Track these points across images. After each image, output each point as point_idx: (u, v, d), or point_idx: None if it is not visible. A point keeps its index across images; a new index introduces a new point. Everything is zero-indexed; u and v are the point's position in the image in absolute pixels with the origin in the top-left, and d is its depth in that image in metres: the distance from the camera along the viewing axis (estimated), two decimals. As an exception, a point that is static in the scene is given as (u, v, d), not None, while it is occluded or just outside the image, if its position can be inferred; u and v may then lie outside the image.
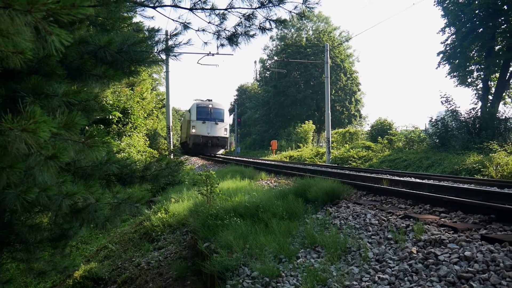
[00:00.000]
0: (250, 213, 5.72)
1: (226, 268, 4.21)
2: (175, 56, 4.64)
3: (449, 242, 3.66)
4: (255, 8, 5.02)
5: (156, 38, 4.83)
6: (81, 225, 4.03)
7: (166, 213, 8.59)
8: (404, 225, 4.39)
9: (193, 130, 30.52)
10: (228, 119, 33.48)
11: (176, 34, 4.96)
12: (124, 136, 20.09)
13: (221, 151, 34.95)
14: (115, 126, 20.04)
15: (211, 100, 33.91)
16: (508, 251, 3.25)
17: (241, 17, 4.97)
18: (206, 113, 31.32)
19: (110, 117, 18.87)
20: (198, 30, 4.86)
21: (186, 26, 4.77)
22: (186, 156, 28.43)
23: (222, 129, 31.59)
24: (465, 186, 7.80)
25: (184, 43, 4.63)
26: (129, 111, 21.35)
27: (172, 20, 4.83)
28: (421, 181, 9.61)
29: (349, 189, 6.77)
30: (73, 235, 4.65)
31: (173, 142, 26.49)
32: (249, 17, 4.98)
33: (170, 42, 4.88)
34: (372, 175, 11.07)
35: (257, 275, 3.83)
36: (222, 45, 5.06)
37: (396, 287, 3.12)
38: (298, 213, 5.58)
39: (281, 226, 4.99)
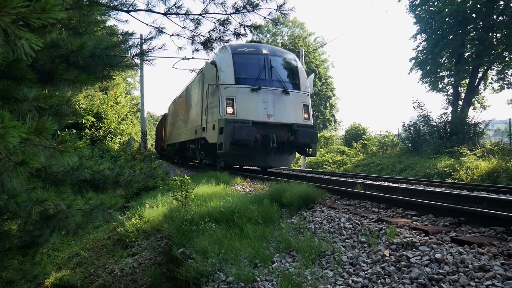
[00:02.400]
0: (225, 218, 5.70)
1: (201, 273, 4.19)
2: (149, 61, 4.62)
3: (421, 244, 3.73)
4: (230, 14, 5.04)
5: (130, 42, 4.79)
6: (51, 232, 3.95)
7: (140, 219, 8.49)
8: (377, 228, 4.46)
9: (228, 109, 12.69)
10: (307, 82, 14.19)
11: (150, 39, 4.92)
12: (98, 141, 19.78)
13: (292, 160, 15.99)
14: (88, 130, 19.72)
15: (261, 42, 18.87)
16: (476, 253, 3.34)
17: (215, 22, 4.98)
18: (256, 67, 13.33)
19: (83, 121, 18.58)
20: (172, 35, 4.85)
21: (160, 31, 4.75)
22: (161, 161, 25.75)
23: (300, 108, 13.59)
24: (437, 189, 7.96)
25: (158, 48, 4.60)
26: (103, 115, 21.04)
27: (147, 24, 4.80)
28: (394, 185, 9.76)
29: (324, 193, 6.82)
30: (44, 242, 4.55)
31: (148, 147, 26.15)
32: (223, 23, 4.99)
33: (144, 47, 4.85)
34: (347, 180, 11.19)
35: (232, 280, 3.83)
36: (196, 50, 5.05)
37: (369, 290, 3.16)
38: (273, 218, 5.59)
39: (256, 231, 5.00)
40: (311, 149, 13.27)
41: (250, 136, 11.82)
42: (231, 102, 12.49)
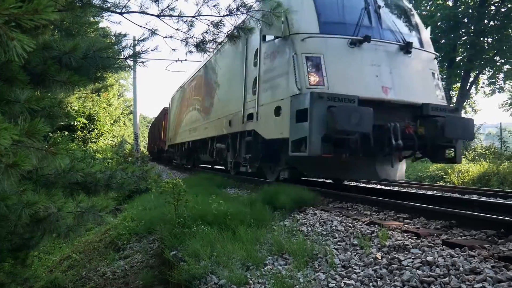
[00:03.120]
0: (218, 221, 5.69)
1: (193, 276, 4.17)
2: (142, 63, 4.61)
3: (412, 247, 3.75)
4: (223, 16, 5.04)
5: (123, 44, 4.78)
6: (42, 235, 3.92)
7: (132, 221, 8.45)
8: (370, 231, 4.47)
9: (312, 78, 6.99)
10: (428, 36, 8.99)
11: (143, 40, 4.92)
12: (90, 143, 19.71)
13: None
14: (80, 132, 19.64)
15: None
16: (467, 256, 3.36)
17: (209, 24, 4.99)
18: (354, 7, 7.66)
19: (75, 123, 18.49)
20: (166, 37, 4.84)
21: (153, 33, 4.75)
22: (153, 163, 23.15)
23: (429, 79, 8.12)
24: (428, 192, 8.01)
25: (151, 49, 4.60)
26: (95, 117, 20.96)
27: (140, 26, 4.79)
28: (386, 188, 9.81)
29: (317, 196, 6.83)
30: (35, 245, 4.52)
31: (140, 149, 26.03)
32: (217, 25, 5.00)
33: (137, 48, 4.84)
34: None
35: (224, 283, 3.81)
36: (190, 51, 5.05)
37: (362, 292, 3.16)
38: (266, 220, 5.59)
39: (249, 233, 4.99)
40: (454, 152, 7.88)
41: (365, 125, 6.36)
42: (316, 64, 7.07)
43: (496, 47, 22.30)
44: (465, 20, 22.68)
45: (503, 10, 22.06)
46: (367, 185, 10.28)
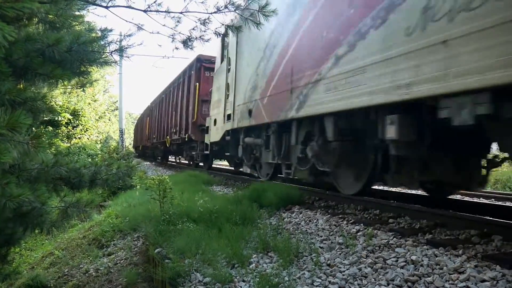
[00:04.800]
0: (204, 218, 5.66)
1: (178, 274, 4.13)
2: (128, 57, 4.55)
3: (397, 246, 3.77)
4: (211, 13, 5.00)
5: (109, 38, 4.71)
6: (25, 230, 3.85)
7: (116, 218, 8.36)
8: (355, 230, 4.49)
9: None
10: None
11: (129, 35, 4.86)
12: (74, 139, 19.47)
13: None
14: (64, 128, 19.39)
15: None
16: (451, 255, 3.39)
17: (196, 21, 4.95)
18: None
19: (59, 118, 18.25)
20: (152, 33, 4.79)
21: (140, 28, 4.69)
22: (139, 159, 23.13)
23: None
24: (413, 192, 8.07)
25: (138, 45, 4.55)
26: (80, 113, 20.70)
27: (126, 21, 4.72)
28: (372, 187, 9.85)
29: (303, 194, 6.85)
30: (17, 241, 4.43)
31: (126, 145, 25.79)
32: (204, 22, 4.96)
33: (123, 43, 4.78)
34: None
35: (209, 281, 3.79)
36: (176, 48, 5.01)
37: (346, 290, 3.17)
38: (252, 218, 5.58)
39: (235, 231, 4.97)
40: None
41: None
42: None
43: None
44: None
45: None
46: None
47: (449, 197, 6.65)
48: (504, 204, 6.84)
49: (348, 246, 4.01)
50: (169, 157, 25.63)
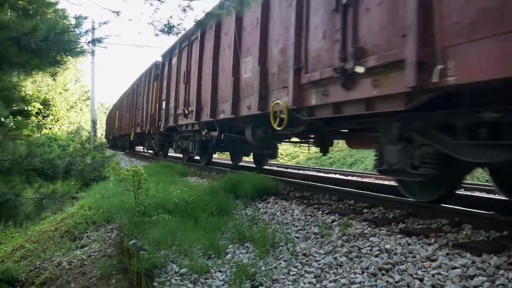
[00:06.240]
0: (180, 209, 5.65)
1: (154, 265, 4.12)
2: (105, 47, 4.46)
3: (371, 235, 3.87)
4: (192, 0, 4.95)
5: (84, 27, 4.60)
6: (-3, 223, 3.76)
7: (90, 210, 8.25)
8: (330, 220, 4.57)
9: None
10: None
11: (105, 22, 4.75)
12: (45, 129, 19.03)
13: None
14: (34, 118, 18.92)
15: None
16: (424, 243, 3.50)
17: (177, 8, 4.89)
18: None
19: (29, 108, 17.79)
20: (130, 20, 4.71)
21: (117, 14, 4.59)
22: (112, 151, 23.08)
23: None
24: (386, 183, 8.23)
25: (115, 35, 4.46)
26: (51, 102, 20.22)
27: (102, 7, 4.63)
28: (345, 177, 10.03)
29: (278, 185, 6.92)
30: (-12, 234, 4.34)
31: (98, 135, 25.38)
32: (184, 9, 4.90)
33: (99, 31, 4.69)
34: (300, 172, 11.38)
35: (185, 272, 3.80)
36: (156, 35, 4.94)
37: (322, 279, 3.23)
38: (228, 209, 5.60)
39: (211, 222, 4.98)
40: None
41: None
42: None
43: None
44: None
45: None
46: (328, 175, 10.47)
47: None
48: (473, 194, 7.06)
49: (324, 236, 4.08)
50: (135, 147, 28.16)
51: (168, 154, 19.11)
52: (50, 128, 20.05)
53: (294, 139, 8.87)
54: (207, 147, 12.02)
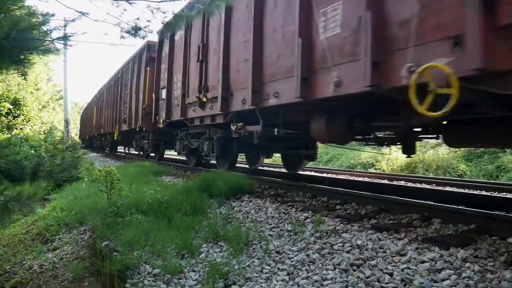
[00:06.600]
0: (153, 209, 5.60)
1: (126, 266, 4.06)
2: (71, 46, 4.37)
3: (343, 232, 3.90)
4: (160, 1, 4.89)
5: (51, 24, 4.49)
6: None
7: (62, 211, 8.09)
8: (303, 217, 4.59)
9: None
10: None
11: (73, 20, 4.65)
12: (15, 130, 18.58)
13: None
14: (4, 118, 18.44)
15: None
16: (394, 238, 3.54)
17: (145, 10, 4.82)
18: None
19: (-2, 108, 17.35)
20: (97, 21, 4.62)
21: (83, 15, 4.50)
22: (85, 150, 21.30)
23: None
24: (360, 179, 8.33)
25: (81, 33, 4.36)
26: (21, 102, 19.74)
27: (69, 8, 4.52)
28: (320, 175, 10.10)
29: (253, 183, 6.91)
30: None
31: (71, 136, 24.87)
32: (152, 12, 4.84)
33: (67, 30, 4.57)
34: (275, 170, 11.40)
35: (158, 272, 3.76)
36: (123, 37, 4.85)
37: (294, 276, 3.24)
38: (202, 208, 5.57)
39: (185, 221, 4.95)
40: None
41: None
42: None
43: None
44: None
45: None
46: (302, 172, 10.52)
47: (394, 183, 6.92)
48: (444, 189, 7.21)
49: (297, 233, 4.09)
50: (118, 147, 25.01)
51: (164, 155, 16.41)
52: (21, 129, 19.57)
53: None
54: (230, 147, 9.19)
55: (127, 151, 24.58)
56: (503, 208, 5.07)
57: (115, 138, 19.51)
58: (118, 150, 25.76)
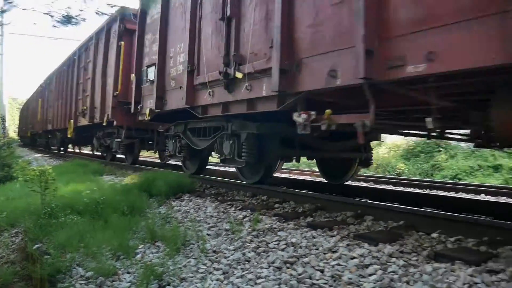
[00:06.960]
0: (89, 209, 5.43)
1: (58, 270, 3.93)
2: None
3: (279, 230, 3.95)
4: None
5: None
6: None
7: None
8: (242, 216, 4.61)
9: None
10: None
11: (3, 12, 4.42)
12: None
13: None
14: None
15: None
16: (327, 236, 3.64)
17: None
18: None
19: None
20: (25, 9, 4.41)
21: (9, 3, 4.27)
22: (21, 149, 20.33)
23: None
24: (301, 178, 8.49)
25: (6, 23, 4.15)
26: (-50, 97, 18.53)
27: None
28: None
29: (194, 182, 6.86)
30: None
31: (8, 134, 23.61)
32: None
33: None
34: (218, 168, 11.40)
35: (91, 275, 3.66)
36: (54, 26, 4.66)
37: (230, 275, 3.25)
38: (141, 208, 5.47)
39: (122, 221, 4.84)
40: None
41: None
42: None
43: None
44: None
45: None
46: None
47: (333, 182, 7.09)
48: (380, 187, 7.48)
49: (234, 232, 4.11)
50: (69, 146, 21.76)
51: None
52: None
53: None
54: (267, 149, 6.31)
55: (76, 151, 21.90)
56: (433, 205, 5.34)
57: (69, 135, 15.96)
58: (69, 149, 22.37)
